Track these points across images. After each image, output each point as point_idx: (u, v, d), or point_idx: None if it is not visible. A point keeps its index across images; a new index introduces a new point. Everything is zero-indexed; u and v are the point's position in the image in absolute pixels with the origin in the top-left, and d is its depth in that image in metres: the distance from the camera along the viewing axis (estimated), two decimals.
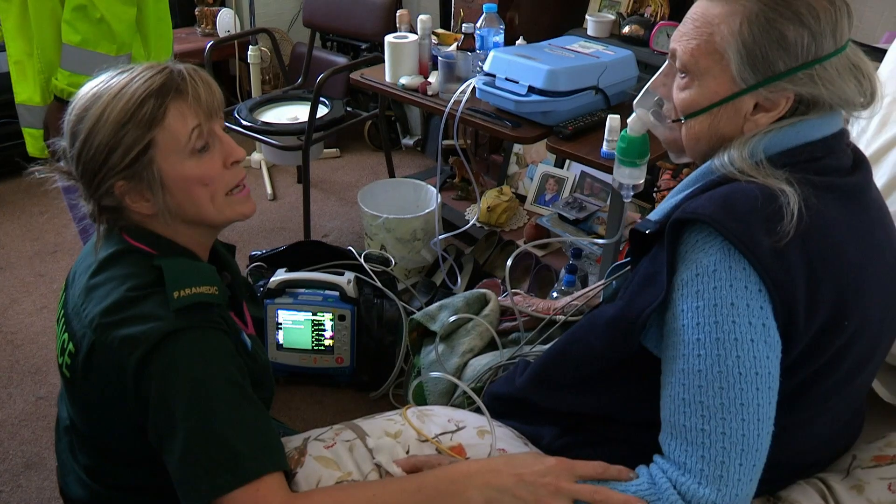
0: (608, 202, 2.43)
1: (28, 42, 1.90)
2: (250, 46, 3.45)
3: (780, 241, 0.88)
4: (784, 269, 0.88)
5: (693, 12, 1.00)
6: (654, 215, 1.06)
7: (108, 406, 1.06)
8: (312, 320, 2.10)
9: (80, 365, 1.06)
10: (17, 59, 1.94)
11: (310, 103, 2.64)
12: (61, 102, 1.86)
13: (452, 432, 1.13)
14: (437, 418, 1.17)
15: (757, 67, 0.95)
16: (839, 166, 0.98)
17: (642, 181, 1.26)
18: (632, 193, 1.28)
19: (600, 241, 2.26)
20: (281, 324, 2.11)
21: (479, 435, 1.14)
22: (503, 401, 1.23)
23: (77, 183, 1.09)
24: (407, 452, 1.10)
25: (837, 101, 0.96)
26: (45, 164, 1.12)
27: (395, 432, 1.13)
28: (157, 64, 1.07)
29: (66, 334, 1.10)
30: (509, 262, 1.49)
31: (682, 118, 1.04)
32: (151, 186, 1.05)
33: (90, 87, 1.06)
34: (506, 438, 1.15)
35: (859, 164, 1.02)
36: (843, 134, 1.00)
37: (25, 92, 1.97)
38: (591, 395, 1.10)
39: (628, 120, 1.18)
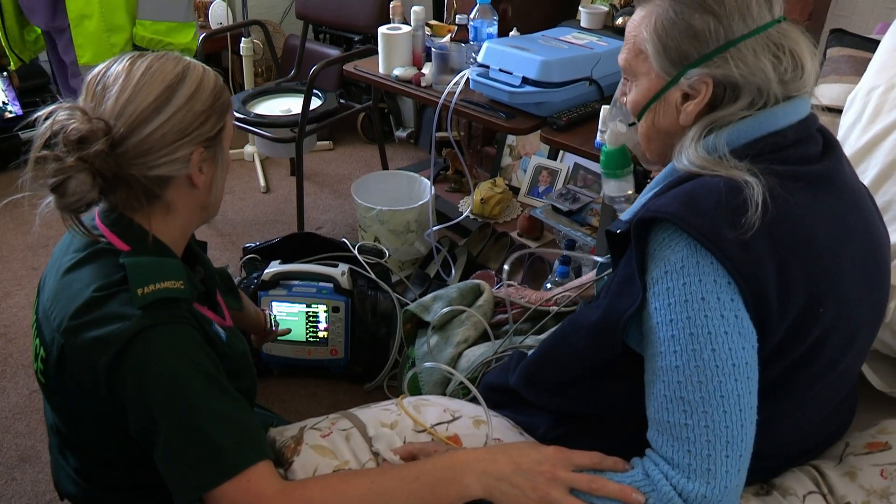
0: (601, 194, 2.44)
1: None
2: (243, 38, 3.44)
3: (745, 233, 0.88)
4: (751, 260, 0.89)
5: (629, 22, 1.06)
6: (625, 215, 1.07)
7: (86, 409, 1.05)
8: (306, 312, 2.10)
9: (52, 370, 1.05)
10: (78, 21, 1.99)
11: (302, 95, 2.64)
12: None
13: (448, 422, 1.14)
14: (433, 408, 1.17)
15: (674, 59, 1.00)
16: (806, 154, 0.99)
17: (632, 191, 1.29)
18: (626, 206, 1.29)
19: (594, 257, 2.27)
20: (275, 316, 2.10)
21: (475, 425, 1.14)
22: (498, 391, 1.24)
23: (99, 159, 1.00)
24: (404, 442, 1.10)
25: (754, 80, 0.97)
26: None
27: (391, 422, 1.13)
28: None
29: (37, 339, 1.09)
30: (507, 267, 1.49)
31: (635, 121, 1.09)
32: (216, 162, 1.12)
33: (164, 61, 1.07)
34: (501, 428, 1.16)
35: (829, 150, 1.02)
36: (810, 120, 1.01)
37: (87, 54, 1.98)
38: (580, 395, 1.10)
39: (605, 135, 1.23)
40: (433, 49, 2.13)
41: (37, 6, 2.09)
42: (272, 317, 1.81)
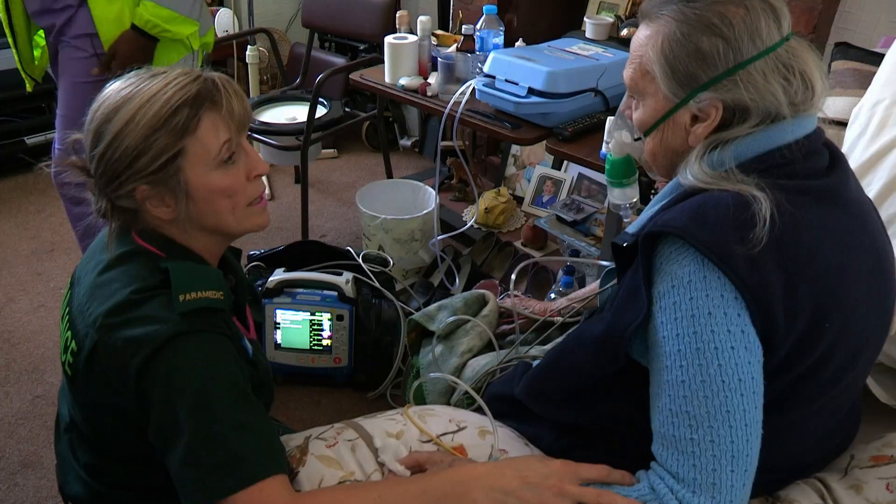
0: (606, 203, 2.44)
1: None
2: (248, 46, 3.45)
3: (753, 248, 0.88)
4: (759, 275, 0.89)
5: (633, 38, 1.05)
6: (632, 227, 1.08)
7: (109, 406, 1.06)
8: (310, 320, 2.11)
9: (81, 364, 1.06)
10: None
11: (308, 104, 2.65)
12: (138, 34, 2.02)
13: (454, 432, 1.14)
14: (439, 418, 1.17)
15: (682, 82, 0.98)
16: (813, 169, 0.99)
17: (637, 199, 1.30)
18: (630, 213, 1.30)
19: (603, 262, 2.27)
20: (279, 323, 2.11)
21: (480, 435, 1.14)
22: (503, 401, 1.24)
23: (90, 179, 1.08)
24: (410, 452, 1.10)
25: (763, 104, 0.96)
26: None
27: (396, 432, 1.13)
28: (191, 70, 1.07)
29: (69, 332, 1.10)
30: (514, 277, 1.49)
31: (641, 136, 1.09)
32: (175, 193, 1.05)
33: (120, 87, 1.05)
34: (506, 439, 1.16)
35: (835, 164, 1.02)
36: (817, 135, 1.01)
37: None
38: (584, 407, 1.10)
39: (609, 144, 1.23)
40: (439, 59, 2.14)
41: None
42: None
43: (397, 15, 2.39)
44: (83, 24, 2.04)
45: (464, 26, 2.28)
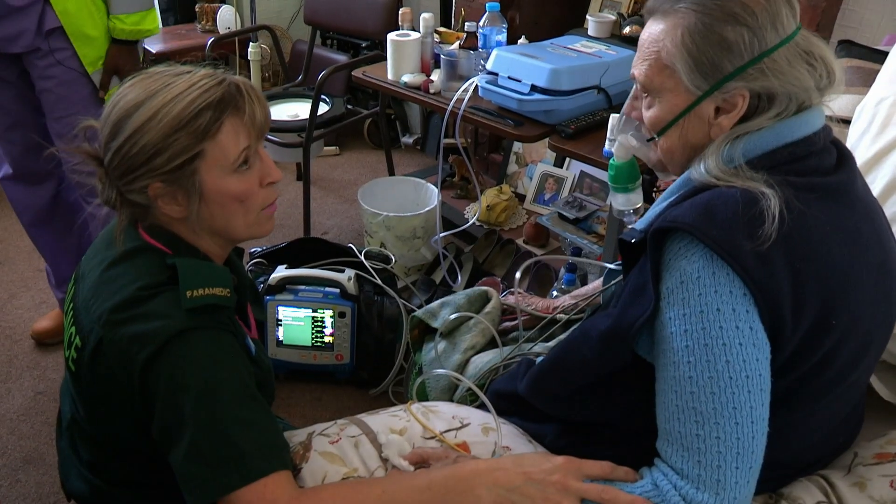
0: (608, 202, 2.44)
1: None
2: (251, 43, 3.45)
3: (762, 244, 0.88)
4: (767, 272, 0.89)
5: (643, 35, 1.04)
6: (639, 224, 1.07)
7: (112, 401, 1.06)
8: (313, 317, 2.11)
9: (86, 360, 1.06)
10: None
11: (310, 101, 2.64)
12: (124, 43, 1.95)
13: (457, 429, 1.14)
14: (442, 415, 1.17)
15: (706, 73, 0.97)
16: (821, 166, 0.99)
17: (640, 204, 1.28)
18: (634, 218, 1.29)
19: (607, 263, 2.26)
20: (281, 320, 2.11)
21: (484, 432, 1.14)
22: (506, 398, 1.24)
23: (100, 169, 1.08)
24: (413, 448, 1.10)
25: (792, 90, 0.96)
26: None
27: (399, 429, 1.13)
28: (215, 72, 1.07)
29: (73, 328, 1.10)
30: (518, 275, 1.49)
31: (654, 136, 1.07)
32: (188, 194, 1.06)
33: (143, 82, 1.05)
34: (510, 436, 1.16)
35: (843, 162, 1.02)
36: (825, 131, 1.01)
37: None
38: (588, 404, 1.10)
39: (613, 148, 1.21)
40: (442, 56, 2.14)
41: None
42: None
43: (400, 12, 2.39)
44: (55, 20, 1.88)
45: (466, 23, 2.28)
